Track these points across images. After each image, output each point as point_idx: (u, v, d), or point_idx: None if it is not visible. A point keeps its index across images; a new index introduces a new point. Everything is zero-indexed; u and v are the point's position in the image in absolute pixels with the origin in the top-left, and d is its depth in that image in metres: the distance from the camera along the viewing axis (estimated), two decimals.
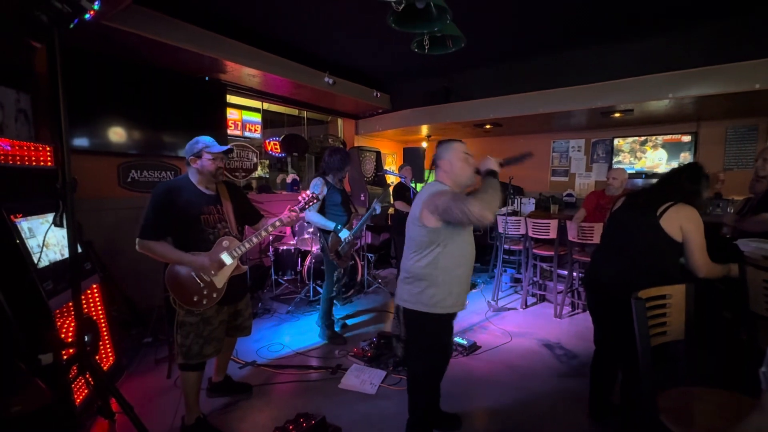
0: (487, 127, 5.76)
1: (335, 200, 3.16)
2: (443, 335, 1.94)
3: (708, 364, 2.52)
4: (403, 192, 4.52)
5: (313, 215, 3.10)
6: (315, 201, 2.34)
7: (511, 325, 3.65)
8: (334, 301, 3.96)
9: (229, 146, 2.12)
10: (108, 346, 2.55)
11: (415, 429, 1.95)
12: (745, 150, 4.89)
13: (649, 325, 1.39)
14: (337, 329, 3.42)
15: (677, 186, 1.91)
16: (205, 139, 2.05)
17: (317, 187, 3.12)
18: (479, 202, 1.53)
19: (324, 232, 3.16)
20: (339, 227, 3.10)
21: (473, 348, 3.12)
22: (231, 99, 4.78)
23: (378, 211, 3.43)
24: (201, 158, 2.01)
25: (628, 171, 4.86)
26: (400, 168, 4.81)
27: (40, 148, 2.32)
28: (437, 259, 1.74)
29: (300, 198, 2.24)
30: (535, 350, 3.16)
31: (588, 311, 2.50)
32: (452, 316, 1.89)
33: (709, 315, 2.31)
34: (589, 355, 2.26)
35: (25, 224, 2.08)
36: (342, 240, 3.14)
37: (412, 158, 6.27)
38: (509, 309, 4.13)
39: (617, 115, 4.73)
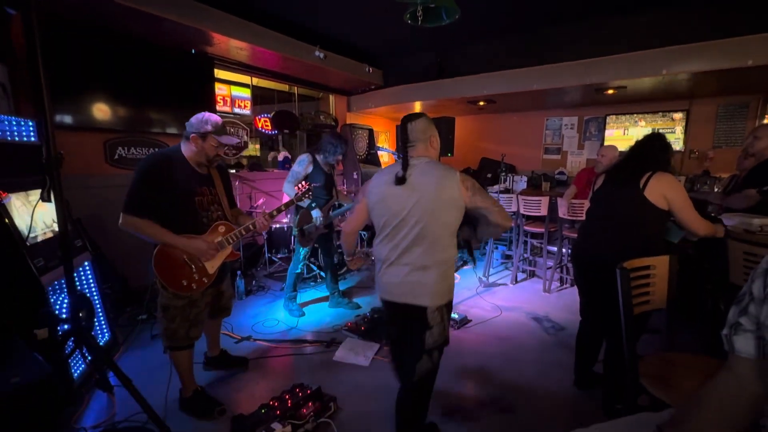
0: (481, 104, 5.71)
1: (318, 180, 3.12)
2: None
3: (689, 334, 2.63)
4: None
5: (289, 188, 3.04)
6: (309, 193, 2.40)
7: (502, 300, 3.74)
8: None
9: (238, 140, 2.05)
10: (103, 322, 2.57)
11: None
12: (735, 128, 4.93)
13: (633, 294, 1.44)
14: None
15: (651, 157, 1.95)
16: (216, 122, 1.93)
17: (303, 162, 3.10)
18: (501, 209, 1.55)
19: (297, 207, 3.15)
20: (313, 205, 3.05)
21: (464, 321, 3.20)
22: (219, 74, 4.64)
23: None
24: (205, 140, 1.92)
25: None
26: None
27: (22, 123, 2.25)
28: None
29: (295, 188, 2.29)
30: (523, 323, 3.25)
31: (575, 285, 2.57)
32: None
33: (691, 288, 2.39)
34: (576, 327, 2.34)
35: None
36: (313, 218, 3.11)
37: None
38: (500, 285, 4.21)
39: (610, 91, 4.71)
